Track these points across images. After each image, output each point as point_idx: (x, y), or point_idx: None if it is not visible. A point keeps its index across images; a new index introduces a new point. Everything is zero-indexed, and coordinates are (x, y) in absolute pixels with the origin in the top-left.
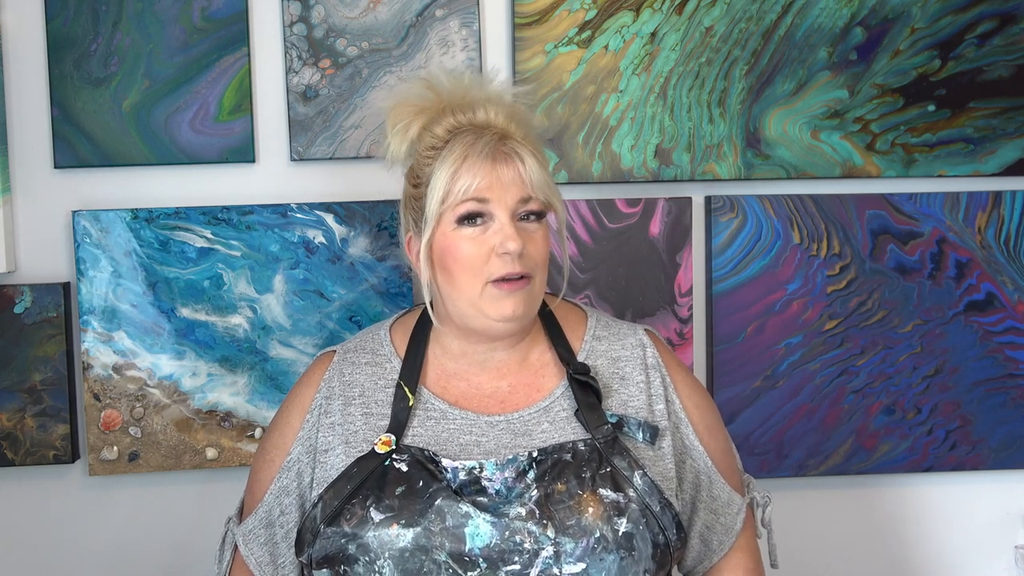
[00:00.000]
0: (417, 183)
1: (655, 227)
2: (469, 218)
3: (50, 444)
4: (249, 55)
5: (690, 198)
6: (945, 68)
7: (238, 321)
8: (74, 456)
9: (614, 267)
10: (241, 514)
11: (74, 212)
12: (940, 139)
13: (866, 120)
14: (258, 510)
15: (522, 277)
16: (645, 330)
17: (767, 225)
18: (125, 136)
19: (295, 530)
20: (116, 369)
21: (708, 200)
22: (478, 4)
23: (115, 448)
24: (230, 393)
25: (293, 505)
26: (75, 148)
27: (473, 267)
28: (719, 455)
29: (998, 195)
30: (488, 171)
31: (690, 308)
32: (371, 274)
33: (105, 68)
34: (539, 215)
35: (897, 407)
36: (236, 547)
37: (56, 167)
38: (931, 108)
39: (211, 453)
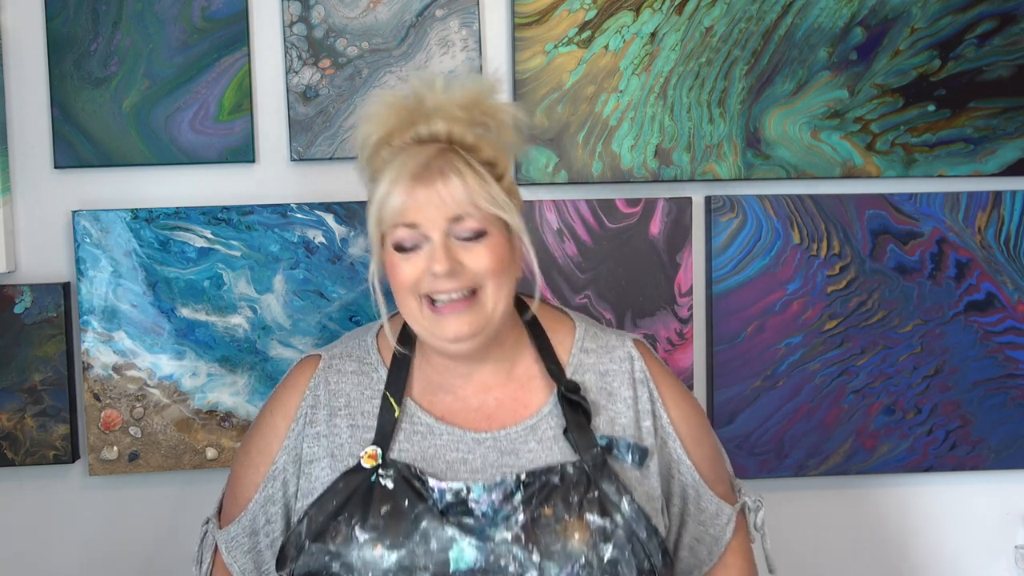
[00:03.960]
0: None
1: (655, 227)
2: (405, 247)
3: (50, 444)
4: (249, 55)
5: (690, 198)
6: (945, 68)
7: (238, 321)
8: (74, 456)
9: (614, 267)
10: (220, 514)
11: (74, 212)
12: (940, 139)
13: (866, 120)
14: (242, 518)
15: (465, 296)
16: (634, 340)
17: (767, 225)
18: (125, 136)
19: (280, 539)
20: (116, 369)
21: (708, 200)
22: (478, 4)
23: (115, 448)
24: (230, 393)
25: (279, 515)
26: (75, 148)
27: (409, 286)
28: (707, 466)
29: (998, 195)
30: (410, 195)
31: (690, 308)
32: None
33: (105, 68)
34: (480, 233)
35: (897, 407)
36: (216, 549)
37: (56, 167)
38: (931, 108)
39: (211, 453)
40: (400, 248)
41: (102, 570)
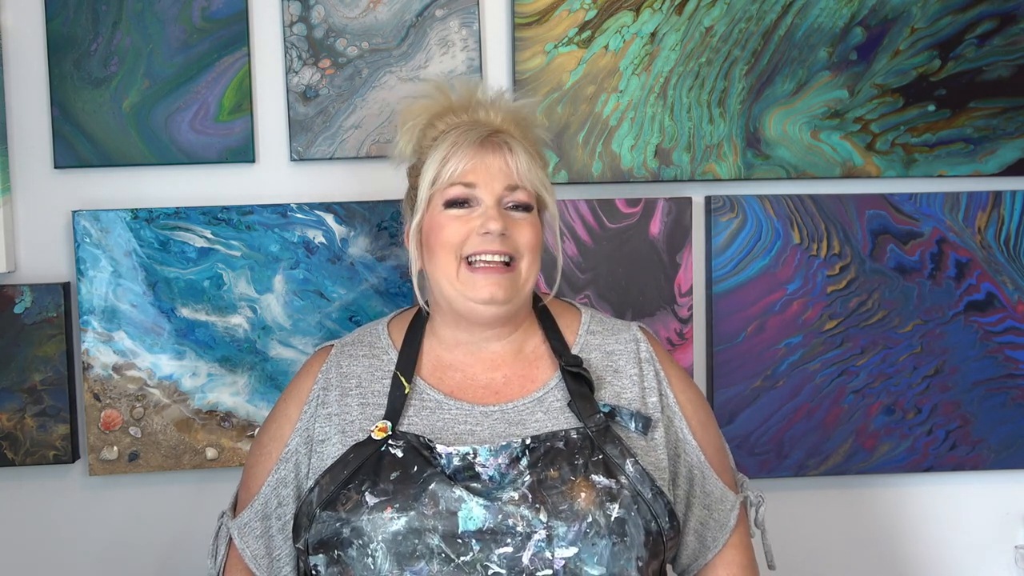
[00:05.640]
0: (416, 174)
1: (655, 227)
2: (457, 203)
3: (50, 444)
4: (249, 55)
5: (690, 198)
6: (945, 68)
7: (238, 321)
8: (74, 456)
9: (614, 267)
10: (235, 509)
11: (74, 212)
12: (940, 139)
13: (866, 120)
14: (254, 503)
15: (504, 263)
16: (639, 326)
17: (767, 225)
18: (125, 136)
19: (291, 522)
20: (116, 369)
21: (708, 200)
22: (478, 4)
23: (115, 448)
24: (230, 393)
25: (290, 496)
26: (75, 148)
27: (452, 244)
28: (712, 451)
29: (998, 195)
30: (476, 157)
31: (690, 308)
32: (371, 274)
33: (105, 68)
34: (527, 207)
35: (897, 407)
36: (230, 541)
37: (56, 167)
38: (931, 108)
39: (211, 453)
40: (452, 204)
41: (102, 570)
